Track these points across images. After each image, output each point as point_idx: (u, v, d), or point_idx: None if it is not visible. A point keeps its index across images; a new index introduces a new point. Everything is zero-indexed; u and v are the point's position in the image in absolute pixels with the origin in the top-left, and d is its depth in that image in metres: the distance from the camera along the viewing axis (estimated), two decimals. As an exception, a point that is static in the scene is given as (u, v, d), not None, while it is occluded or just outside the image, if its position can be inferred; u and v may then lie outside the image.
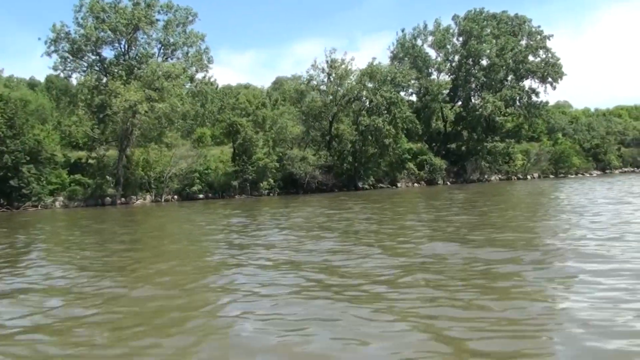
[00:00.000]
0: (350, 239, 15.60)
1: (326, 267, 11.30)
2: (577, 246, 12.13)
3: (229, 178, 47.04)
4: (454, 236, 14.97)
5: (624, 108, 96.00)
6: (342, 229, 18.44)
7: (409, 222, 20.12)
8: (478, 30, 59.61)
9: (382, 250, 13.16)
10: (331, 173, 49.78)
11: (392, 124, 49.00)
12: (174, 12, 46.94)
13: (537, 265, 10.27)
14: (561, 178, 60.95)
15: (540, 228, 16.20)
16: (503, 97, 59.22)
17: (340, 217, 23.10)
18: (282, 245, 14.99)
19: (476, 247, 12.86)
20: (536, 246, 12.61)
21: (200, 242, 17.57)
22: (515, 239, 13.97)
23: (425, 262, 11.16)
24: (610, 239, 12.86)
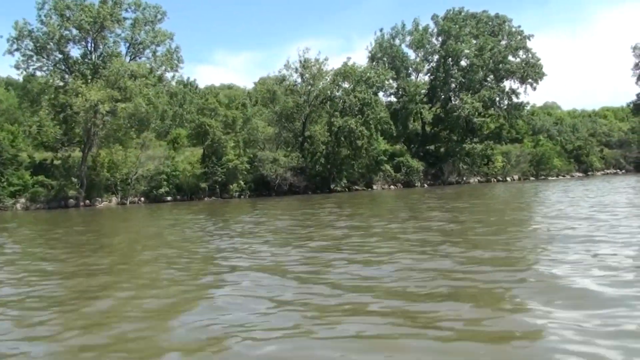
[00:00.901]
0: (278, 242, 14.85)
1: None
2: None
3: (197, 180, 46.30)
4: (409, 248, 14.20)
5: (610, 109, 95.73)
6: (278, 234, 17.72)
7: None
8: (456, 30, 59.05)
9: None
10: (304, 175, 49.09)
11: (366, 125, 48.28)
12: (142, 10, 46.21)
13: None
14: (541, 180, 60.35)
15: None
16: (481, 98, 58.66)
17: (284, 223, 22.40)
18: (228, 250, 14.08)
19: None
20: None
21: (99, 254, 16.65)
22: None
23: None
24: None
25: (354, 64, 51.27)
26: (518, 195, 35.14)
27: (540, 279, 8.79)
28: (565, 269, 9.41)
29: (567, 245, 11.78)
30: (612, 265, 9.46)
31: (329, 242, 14.63)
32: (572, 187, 40.06)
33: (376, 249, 12.87)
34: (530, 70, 61.88)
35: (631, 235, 12.81)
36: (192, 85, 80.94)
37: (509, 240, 13.45)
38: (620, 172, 70.83)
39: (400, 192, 47.41)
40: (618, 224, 15.15)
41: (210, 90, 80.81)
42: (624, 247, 11.32)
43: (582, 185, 41.35)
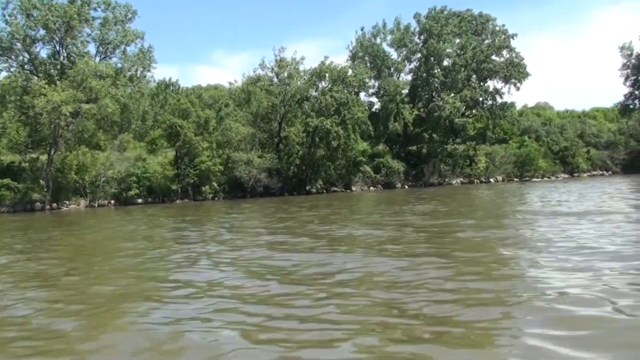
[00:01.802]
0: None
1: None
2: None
3: (169, 182, 45.48)
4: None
5: (599, 110, 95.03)
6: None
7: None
8: (438, 29, 58.26)
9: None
10: (280, 176, 48.31)
11: (342, 125, 47.49)
12: (112, 9, 45.42)
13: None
14: (524, 182, 59.58)
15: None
16: (463, 98, 57.92)
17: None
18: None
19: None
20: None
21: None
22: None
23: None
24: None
25: (332, 63, 50.56)
26: (487, 197, 34.45)
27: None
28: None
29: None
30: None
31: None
32: (549, 190, 39.35)
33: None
34: (514, 69, 61.20)
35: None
36: (175, 86, 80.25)
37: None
38: (607, 174, 70.05)
39: (377, 194, 46.70)
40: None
41: (194, 91, 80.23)
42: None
43: (562, 188, 40.62)
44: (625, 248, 11.19)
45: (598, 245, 11.65)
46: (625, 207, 21.21)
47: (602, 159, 71.62)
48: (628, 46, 76.33)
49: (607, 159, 71.57)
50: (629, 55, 76.40)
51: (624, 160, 71.42)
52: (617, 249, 11.05)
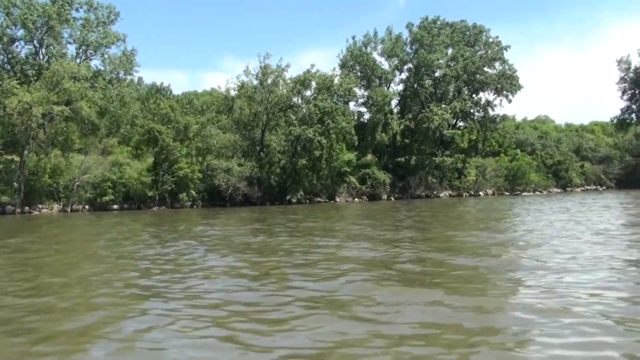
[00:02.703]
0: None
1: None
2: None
3: (146, 188, 44.71)
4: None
5: (598, 124, 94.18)
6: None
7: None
8: (429, 39, 57.48)
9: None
10: (261, 185, 47.51)
11: (325, 135, 46.67)
12: (94, 10, 44.84)
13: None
14: (515, 196, 58.64)
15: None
16: (453, 110, 57.06)
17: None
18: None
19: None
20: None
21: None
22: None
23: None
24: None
25: (317, 71, 49.83)
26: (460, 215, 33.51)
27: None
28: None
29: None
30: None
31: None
32: (530, 206, 38.37)
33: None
34: (506, 82, 60.35)
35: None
36: (166, 91, 79.63)
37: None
38: (601, 189, 69.11)
39: (356, 206, 45.81)
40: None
41: (185, 96, 79.61)
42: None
43: (545, 204, 39.64)
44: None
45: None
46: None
47: (596, 174, 70.59)
48: (626, 60, 75.62)
49: (601, 174, 70.53)
50: (627, 69, 75.64)
51: (619, 175, 70.40)
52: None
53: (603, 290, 8.92)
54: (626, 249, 13.87)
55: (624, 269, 10.89)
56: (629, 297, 8.49)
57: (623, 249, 13.99)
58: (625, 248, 14.09)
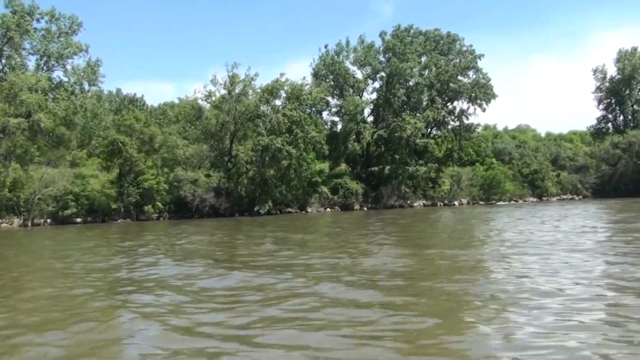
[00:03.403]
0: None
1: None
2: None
3: (111, 200, 43.90)
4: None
5: (577, 133, 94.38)
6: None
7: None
8: (401, 48, 57.29)
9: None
10: (229, 196, 46.85)
11: (294, 144, 46.17)
12: (56, 20, 44.17)
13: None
14: (489, 205, 58.36)
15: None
16: (425, 119, 56.80)
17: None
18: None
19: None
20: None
21: None
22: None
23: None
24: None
25: (287, 80, 49.42)
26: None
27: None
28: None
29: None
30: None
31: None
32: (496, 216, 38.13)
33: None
34: (479, 90, 60.24)
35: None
36: (140, 102, 78.95)
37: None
38: (577, 198, 68.98)
39: (324, 216, 45.33)
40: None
41: (159, 107, 78.92)
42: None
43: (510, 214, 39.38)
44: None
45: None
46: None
47: (572, 183, 70.48)
48: (601, 69, 76.16)
49: (577, 183, 70.44)
50: (602, 78, 76.19)
51: (595, 184, 70.34)
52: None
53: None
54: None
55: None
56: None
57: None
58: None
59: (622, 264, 13.33)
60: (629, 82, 73.26)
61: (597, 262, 14.04)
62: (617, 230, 24.61)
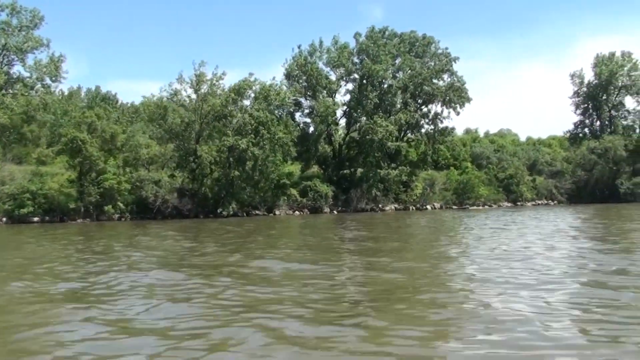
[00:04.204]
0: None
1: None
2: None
3: (71, 200, 43.00)
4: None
5: (555, 138, 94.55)
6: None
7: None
8: (375, 50, 56.80)
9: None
10: (194, 197, 46.09)
11: (259, 145, 45.50)
12: (16, 14, 43.22)
13: None
14: (462, 210, 58.07)
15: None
16: (397, 122, 56.33)
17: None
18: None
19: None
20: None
21: None
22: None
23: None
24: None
25: (255, 80, 48.76)
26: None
27: None
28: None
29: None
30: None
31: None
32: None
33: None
34: (454, 94, 59.92)
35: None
36: (112, 100, 77.89)
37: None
38: (552, 203, 68.95)
39: (287, 219, 44.74)
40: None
41: (132, 105, 77.88)
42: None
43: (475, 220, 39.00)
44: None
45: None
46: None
47: (547, 188, 70.41)
48: (579, 74, 76.25)
49: (552, 188, 70.38)
50: (580, 83, 76.27)
51: (570, 189, 70.35)
52: None
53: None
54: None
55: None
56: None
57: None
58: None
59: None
60: (606, 87, 73.43)
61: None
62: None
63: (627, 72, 72.90)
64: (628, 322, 8.05)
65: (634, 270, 12.94)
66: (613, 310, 8.80)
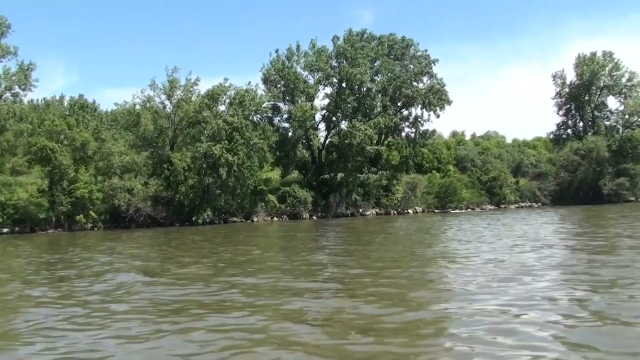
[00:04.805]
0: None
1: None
2: None
3: (42, 210, 42.34)
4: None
5: (540, 139, 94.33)
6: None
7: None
8: (352, 53, 56.40)
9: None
10: (169, 205, 45.51)
11: (233, 151, 44.94)
12: (-18, 22, 42.59)
13: None
14: (445, 213, 57.62)
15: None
16: (376, 125, 55.90)
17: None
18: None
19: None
20: None
21: None
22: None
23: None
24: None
25: (229, 85, 48.28)
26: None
27: None
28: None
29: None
30: None
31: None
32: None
33: None
34: (434, 96, 59.62)
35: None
36: (91, 108, 76.99)
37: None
38: (536, 205, 68.56)
39: (262, 226, 44.24)
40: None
41: (111, 113, 77.06)
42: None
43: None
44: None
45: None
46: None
47: (531, 190, 70.03)
48: (561, 75, 76.02)
49: (536, 190, 69.99)
50: (562, 83, 76.01)
51: (554, 191, 69.97)
52: None
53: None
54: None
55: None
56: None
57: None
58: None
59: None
60: (588, 87, 73.08)
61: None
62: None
63: (608, 72, 72.62)
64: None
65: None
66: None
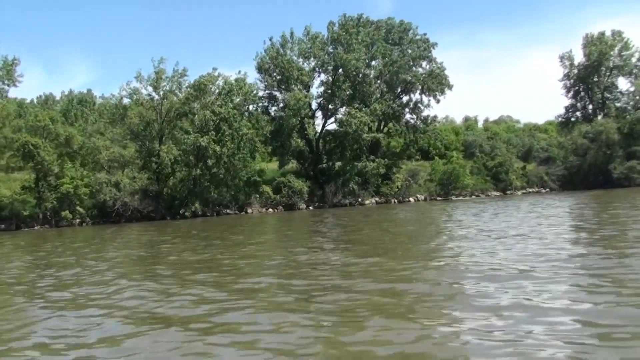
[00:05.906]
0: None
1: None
2: None
3: (27, 206, 41.81)
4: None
5: (552, 123, 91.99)
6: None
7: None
8: (347, 38, 54.97)
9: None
10: (158, 199, 44.74)
11: (221, 143, 43.96)
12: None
13: None
14: (448, 201, 56.11)
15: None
16: (373, 112, 54.49)
17: None
18: None
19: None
20: None
21: None
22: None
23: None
24: None
25: (218, 75, 47.25)
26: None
27: None
28: None
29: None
30: None
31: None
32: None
33: None
34: (433, 81, 58.00)
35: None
36: (89, 102, 76.54)
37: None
38: (544, 191, 66.56)
39: (255, 217, 43.26)
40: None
41: (103, 105, 76.56)
42: None
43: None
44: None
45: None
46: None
47: (538, 175, 68.03)
48: (569, 56, 73.77)
49: (543, 175, 67.94)
50: (570, 65, 73.77)
51: (563, 176, 67.86)
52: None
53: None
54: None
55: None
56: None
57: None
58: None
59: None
60: (597, 68, 70.80)
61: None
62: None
63: (618, 52, 70.27)
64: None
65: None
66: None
